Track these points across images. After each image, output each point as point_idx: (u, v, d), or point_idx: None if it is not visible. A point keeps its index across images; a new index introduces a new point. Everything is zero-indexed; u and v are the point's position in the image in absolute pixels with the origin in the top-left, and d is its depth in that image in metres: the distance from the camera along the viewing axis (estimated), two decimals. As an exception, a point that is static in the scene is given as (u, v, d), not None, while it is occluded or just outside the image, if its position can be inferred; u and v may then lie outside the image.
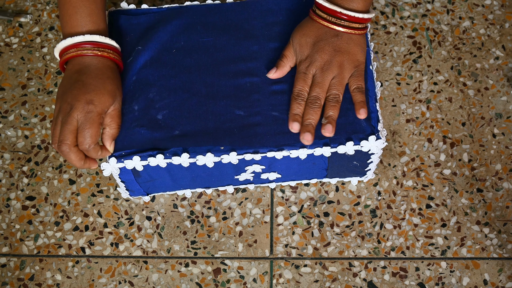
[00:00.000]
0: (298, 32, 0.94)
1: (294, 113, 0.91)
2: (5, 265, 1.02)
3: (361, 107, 0.91)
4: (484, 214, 1.03)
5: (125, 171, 0.93)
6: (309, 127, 0.90)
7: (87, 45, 0.90)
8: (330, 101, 0.91)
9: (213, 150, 0.91)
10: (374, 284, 1.00)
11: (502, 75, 1.11)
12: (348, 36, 0.92)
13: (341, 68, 0.92)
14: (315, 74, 0.92)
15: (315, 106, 0.91)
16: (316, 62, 0.92)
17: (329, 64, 0.92)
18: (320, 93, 0.91)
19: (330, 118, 0.91)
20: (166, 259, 1.02)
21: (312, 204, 1.04)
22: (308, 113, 0.91)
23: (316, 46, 0.92)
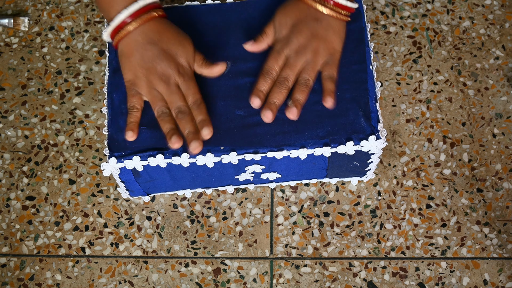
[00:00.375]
0: (281, 11, 0.94)
1: (259, 89, 0.91)
2: (5, 265, 1.02)
3: (328, 95, 0.90)
4: (484, 214, 1.03)
5: (125, 171, 0.93)
6: (272, 106, 0.90)
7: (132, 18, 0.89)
8: (300, 85, 0.91)
9: (213, 150, 0.91)
10: (374, 284, 1.00)
11: (502, 75, 1.11)
12: (327, 22, 0.92)
13: (315, 53, 0.91)
14: (288, 56, 0.92)
15: (283, 87, 0.90)
16: (292, 44, 0.92)
17: (304, 48, 0.91)
18: (290, 75, 0.91)
19: (297, 102, 0.90)
20: (166, 259, 1.02)
21: (312, 204, 1.04)
22: (275, 92, 0.90)
23: (295, 28, 0.92)
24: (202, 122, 0.89)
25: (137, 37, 0.90)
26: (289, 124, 0.92)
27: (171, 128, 0.88)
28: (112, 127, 0.93)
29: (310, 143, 0.91)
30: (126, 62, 0.91)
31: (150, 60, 0.90)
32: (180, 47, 0.91)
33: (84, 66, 1.14)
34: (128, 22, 0.90)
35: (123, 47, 0.91)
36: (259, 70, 0.95)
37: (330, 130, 0.91)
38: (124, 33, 0.90)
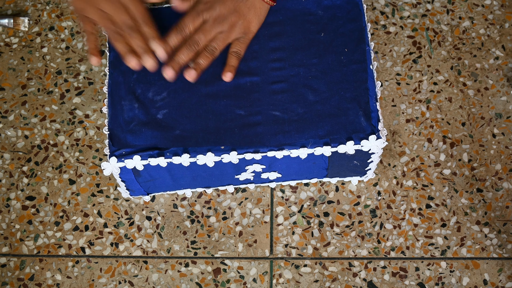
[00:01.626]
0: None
1: (168, 43, 0.91)
2: (5, 265, 1.02)
3: (229, 70, 0.93)
4: (484, 214, 1.03)
5: (126, 171, 0.93)
6: (175, 64, 0.91)
7: None
8: (207, 51, 0.92)
9: (214, 149, 0.91)
10: (374, 284, 1.00)
11: (502, 75, 1.11)
12: (252, 2, 0.94)
13: (231, 27, 0.93)
14: (206, 20, 0.93)
15: (192, 49, 0.92)
16: (213, 11, 0.93)
17: (223, 19, 0.93)
18: (202, 39, 0.92)
19: (198, 65, 0.92)
20: (166, 259, 1.02)
21: (312, 204, 1.04)
22: (182, 51, 0.92)
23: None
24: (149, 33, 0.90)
25: None
26: (290, 123, 0.92)
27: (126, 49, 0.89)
28: (113, 126, 0.93)
29: (310, 142, 0.91)
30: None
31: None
32: None
33: (84, 66, 1.14)
34: None
35: None
36: (260, 70, 0.95)
37: (331, 129, 0.92)
38: None
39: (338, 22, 0.98)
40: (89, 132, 1.09)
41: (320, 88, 0.94)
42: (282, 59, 0.96)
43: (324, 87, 0.94)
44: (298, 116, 0.92)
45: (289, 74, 0.95)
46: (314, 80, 0.95)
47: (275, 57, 0.96)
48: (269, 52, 0.97)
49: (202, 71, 0.92)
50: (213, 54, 0.93)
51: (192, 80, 0.92)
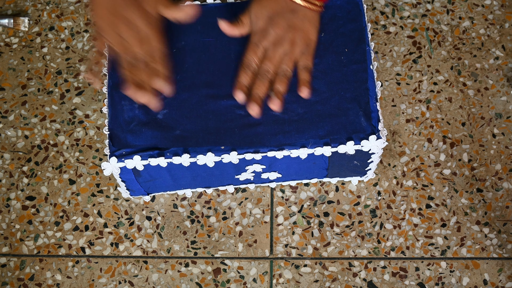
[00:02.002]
0: (257, 3, 0.94)
1: (241, 83, 0.92)
2: (5, 265, 1.02)
3: (304, 85, 0.92)
4: (484, 214, 1.03)
5: (126, 171, 0.93)
6: (256, 98, 0.91)
7: None
8: (280, 76, 0.92)
9: (214, 149, 0.91)
10: (374, 284, 1.00)
11: (502, 75, 1.11)
12: (303, 13, 0.93)
13: (292, 44, 0.93)
14: (267, 48, 0.93)
15: (265, 79, 0.92)
16: (270, 36, 0.93)
17: (282, 40, 0.93)
18: (270, 67, 0.92)
19: (278, 93, 0.92)
20: (166, 259, 1.02)
21: (312, 204, 1.04)
22: (258, 85, 0.92)
23: (271, 20, 0.93)
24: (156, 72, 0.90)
25: None
26: (290, 123, 0.92)
27: (129, 76, 0.89)
28: (113, 127, 0.93)
29: (310, 142, 0.91)
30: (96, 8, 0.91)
31: (120, 5, 0.90)
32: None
33: (84, 66, 1.14)
34: None
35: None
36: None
37: (331, 129, 0.92)
38: None
39: (338, 22, 0.98)
40: (89, 132, 1.09)
41: (320, 88, 0.94)
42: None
43: (324, 87, 0.94)
44: (298, 116, 0.92)
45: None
46: (314, 80, 0.95)
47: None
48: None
49: (284, 96, 0.92)
50: (287, 77, 0.92)
51: (279, 109, 0.91)
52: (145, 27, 0.90)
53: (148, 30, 0.90)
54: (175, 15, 0.92)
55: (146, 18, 0.90)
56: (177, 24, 0.99)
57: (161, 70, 0.91)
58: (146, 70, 0.90)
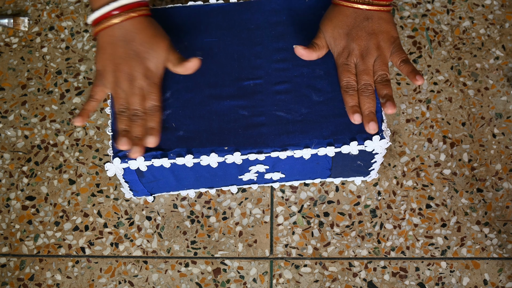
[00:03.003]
0: (329, 25, 0.94)
1: (351, 105, 0.91)
2: (5, 265, 1.02)
3: (415, 74, 0.91)
4: (484, 214, 1.03)
5: (129, 172, 0.93)
6: (370, 115, 0.90)
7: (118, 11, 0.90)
8: (380, 82, 0.92)
9: (217, 150, 0.91)
10: (374, 284, 1.00)
11: (502, 75, 1.11)
12: (378, 16, 0.93)
13: (379, 49, 0.92)
14: (357, 63, 0.93)
15: (368, 93, 0.91)
16: (355, 50, 0.92)
17: (368, 49, 0.92)
18: (369, 79, 0.92)
19: (387, 96, 0.91)
20: (166, 259, 1.02)
21: (312, 204, 1.04)
22: (365, 101, 0.91)
23: (350, 35, 0.93)
24: (151, 130, 0.90)
25: (115, 31, 0.91)
26: (293, 124, 0.92)
27: (123, 130, 0.89)
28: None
29: (314, 143, 0.91)
30: (99, 54, 0.92)
31: (119, 57, 0.90)
32: (151, 50, 0.91)
33: (84, 66, 1.14)
34: (114, 15, 0.90)
35: (101, 38, 0.91)
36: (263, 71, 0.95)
37: (334, 130, 0.92)
38: (107, 25, 0.90)
39: None
40: (89, 132, 1.09)
41: (324, 88, 0.94)
42: (286, 60, 0.96)
43: (328, 88, 0.94)
44: (302, 117, 0.93)
45: (292, 74, 0.95)
46: (317, 80, 0.95)
47: (279, 57, 0.96)
48: (273, 52, 0.97)
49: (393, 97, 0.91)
50: (388, 80, 0.92)
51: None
52: (146, 84, 0.91)
53: (148, 87, 0.91)
54: (180, 71, 0.92)
55: (148, 74, 0.91)
56: (179, 24, 1.00)
57: (155, 128, 0.91)
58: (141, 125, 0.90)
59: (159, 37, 0.92)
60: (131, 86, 0.90)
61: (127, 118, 0.90)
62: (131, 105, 0.90)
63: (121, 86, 0.90)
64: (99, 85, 0.92)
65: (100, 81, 0.92)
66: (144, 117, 0.91)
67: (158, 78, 0.92)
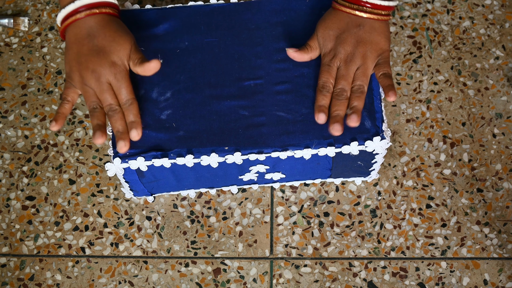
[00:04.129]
0: (322, 25, 0.94)
1: (320, 105, 0.91)
2: (5, 265, 1.02)
3: (389, 90, 0.90)
4: (484, 214, 1.03)
5: (130, 172, 0.93)
6: (337, 118, 0.90)
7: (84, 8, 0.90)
8: (355, 92, 0.92)
9: (218, 150, 0.91)
10: (374, 284, 1.00)
11: (502, 75, 1.11)
12: (370, 25, 0.92)
13: (364, 58, 0.92)
14: (339, 67, 0.93)
15: (342, 98, 0.91)
16: (340, 54, 0.93)
17: (352, 56, 0.92)
18: (346, 85, 0.92)
19: (355, 108, 0.91)
20: (166, 259, 1.02)
21: (312, 204, 1.04)
22: (336, 104, 0.91)
23: (339, 39, 0.93)
24: (131, 124, 0.91)
25: (78, 28, 0.91)
26: (294, 124, 0.92)
27: (97, 124, 0.90)
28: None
29: (314, 143, 0.91)
30: (66, 54, 0.92)
31: (83, 55, 0.90)
32: (115, 44, 0.91)
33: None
34: (79, 11, 0.90)
35: (67, 37, 0.92)
36: (264, 71, 0.95)
37: None
38: (71, 20, 0.91)
39: None
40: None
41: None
42: (286, 60, 0.96)
43: None
44: (303, 117, 0.93)
45: (293, 75, 0.95)
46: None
47: (279, 57, 0.96)
48: (273, 53, 0.97)
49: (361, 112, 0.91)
50: (362, 92, 0.92)
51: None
52: (113, 78, 0.90)
53: (116, 82, 0.91)
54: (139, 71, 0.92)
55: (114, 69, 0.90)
56: (180, 24, 1.00)
57: (135, 120, 0.91)
58: (120, 119, 0.91)
59: (123, 33, 0.92)
60: (99, 82, 0.90)
61: (100, 113, 0.90)
62: (104, 101, 0.90)
63: (89, 84, 0.90)
64: (69, 86, 0.92)
65: (69, 82, 0.92)
66: (121, 111, 0.91)
67: (125, 71, 0.91)
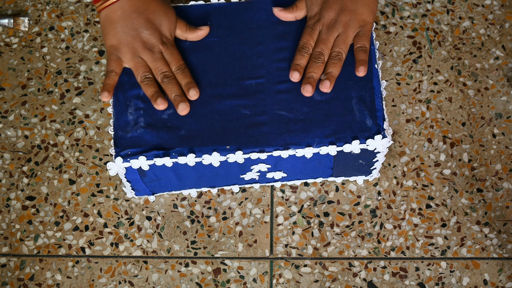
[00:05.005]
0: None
1: (296, 63, 0.94)
2: (5, 265, 1.02)
3: (360, 65, 0.93)
4: (484, 214, 1.03)
5: (131, 171, 0.94)
6: (310, 79, 0.92)
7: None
8: (332, 58, 0.94)
9: (219, 149, 0.91)
10: (374, 284, 1.00)
11: (502, 75, 1.11)
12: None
13: (345, 27, 0.94)
14: (321, 31, 0.95)
15: (319, 61, 0.93)
16: (323, 19, 0.95)
17: (335, 22, 0.94)
18: (324, 49, 0.94)
19: (329, 74, 0.93)
20: (166, 259, 1.02)
21: (312, 204, 1.04)
22: (311, 66, 0.93)
23: (325, 4, 0.95)
24: (188, 85, 0.94)
25: (123, 5, 0.93)
26: (295, 123, 0.92)
27: (155, 91, 0.93)
28: (118, 127, 0.93)
29: (316, 142, 0.91)
30: (111, 29, 0.94)
31: (135, 29, 0.93)
32: (164, 17, 0.95)
33: (84, 66, 1.14)
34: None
35: (109, 13, 0.94)
36: (265, 70, 0.95)
37: (336, 128, 0.92)
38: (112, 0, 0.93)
39: None
40: (89, 132, 1.09)
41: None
42: (287, 59, 0.96)
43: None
44: (304, 116, 0.93)
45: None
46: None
47: (280, 57, 0.97)
48: (274, 52, 0.97)
49: (335, 79, 0.93)
50: (340, 59, 0.94)
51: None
52: (165, 48, 0.94)
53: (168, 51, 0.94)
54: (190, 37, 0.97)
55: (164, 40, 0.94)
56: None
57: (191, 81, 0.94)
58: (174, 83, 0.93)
59: (167, 6, 0.96)
60: (152, 52, 0.93)
61: (153, 82, 0.93)
62: (157, 70, 0.94)
63: (142, 55, 0.93)
64: (114, 59, 0.94)
65: (115, 55, 0.94)
66: (174, 77, 0.94)
67: (173, 41, 0.96)
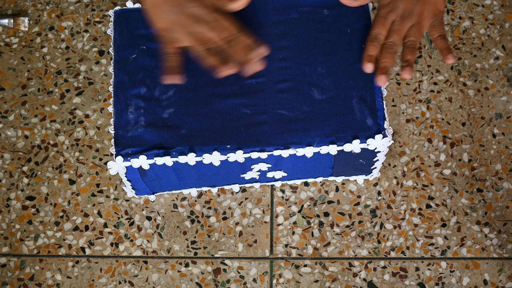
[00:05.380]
0: None
1: (369, 54, 0.93)
2: (5, 265, 1.02)
3: (449, 53, 0.92)
4: (484, 214, 1.03)
5: (132, 170, 0.94)
6: (384, 70, 0.91)
7: None
8: (408, 47, 0.93)
9: (220, 148, 0.91)
10: (374, 284, 1.00)
11: (502, 75, 1.11)
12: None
13: (420, 17, 0.93)
14: (394, 21, 0.94)
15: (391, 51, 0.92)
16: (398, 9, 0.93)
17: (410, 13, 0.93)
18: (398, 40, 0.93)
19: (409, 62, 0.92)
20: (166, 259, 1.02)
21: (312, 204, 1.04)
22: (385, 56, 0.92)
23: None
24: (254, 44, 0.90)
25: None
26: (296, 122, 0.92)
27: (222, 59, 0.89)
28: (118, 126, 0.93)
29: (316, 141, 0.91)
30: (157, 12, 0.91)
31: (181, 5, 0.90)
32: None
33: (84, 66, 1.14)
34: None
35: None
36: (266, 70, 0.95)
37: (337, 128, 0.92)
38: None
39: (344, 20, 0.98)
40: (89, 132, 1.09)
41: (326, 86, 0.94)
42: (288, 58, 0.96)
43: (330, 86, 0.94)
44: (304, 115, 0.93)
45: (295, 73, 0.95)
46: (320, 78, 0.95)
47: (281, 56, 0.97)
48: (275, 51, 0.97)
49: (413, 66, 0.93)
50: (415, 48, 0.93)
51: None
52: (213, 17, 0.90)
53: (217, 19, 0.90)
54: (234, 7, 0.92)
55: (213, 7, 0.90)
56: None
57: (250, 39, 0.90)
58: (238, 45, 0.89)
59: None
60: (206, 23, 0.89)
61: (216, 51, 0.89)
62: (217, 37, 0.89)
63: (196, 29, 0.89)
64: (170, 41, 0.91)
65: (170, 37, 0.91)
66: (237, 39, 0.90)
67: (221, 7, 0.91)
